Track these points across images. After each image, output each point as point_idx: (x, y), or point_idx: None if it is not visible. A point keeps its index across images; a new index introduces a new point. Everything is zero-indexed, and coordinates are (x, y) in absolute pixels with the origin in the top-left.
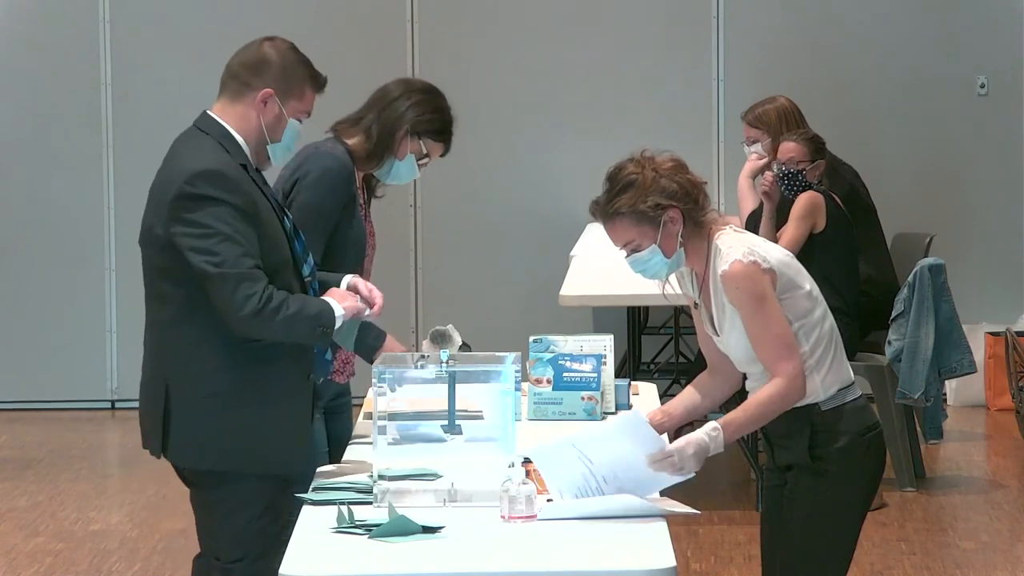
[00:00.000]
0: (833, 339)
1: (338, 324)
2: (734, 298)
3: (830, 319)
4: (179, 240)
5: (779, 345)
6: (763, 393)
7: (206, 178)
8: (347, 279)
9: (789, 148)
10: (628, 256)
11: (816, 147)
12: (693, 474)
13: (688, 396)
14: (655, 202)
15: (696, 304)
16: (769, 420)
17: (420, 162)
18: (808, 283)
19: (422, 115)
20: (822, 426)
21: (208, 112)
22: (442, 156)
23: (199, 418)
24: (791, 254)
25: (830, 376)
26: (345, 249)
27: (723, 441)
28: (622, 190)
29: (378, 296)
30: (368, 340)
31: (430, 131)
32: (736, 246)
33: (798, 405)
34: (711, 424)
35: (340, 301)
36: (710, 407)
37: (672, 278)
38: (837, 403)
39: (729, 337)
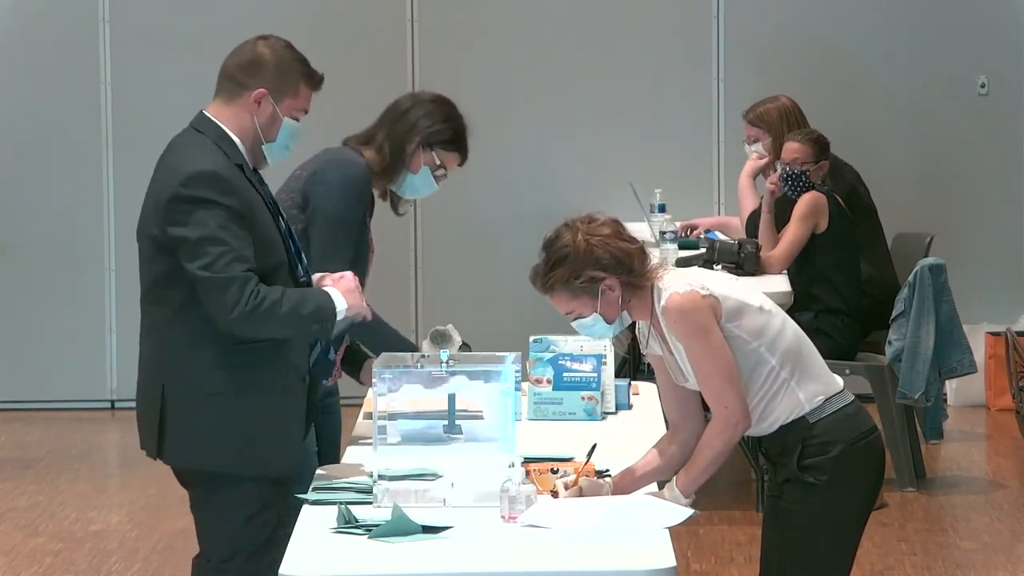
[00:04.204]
0: (803, 350)
1: (340, 318)
2: (676, 332)
3: (792, 330)
4: (174, 243)
5: (720, 379)
6: (707, 432)
7: (200, 180)
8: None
9: (793, 148)
10: (572, 322)
11: (820, 148)
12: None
13: (651, 456)
14: (589, 276)
15: (661, 351)
16: (723, 458)
17: (436, 173)
18: (758, 300)
19: (432, 126)
20: (813, 438)
21: (204, 112)
22: (460, 166)
23: (194, 419)
24: (735, 277)
25: (810, 386)
26: (357, 256)
27: (679, 494)
28: (556, 264)
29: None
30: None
31: (442, 141)
32: (675, 281)
33: (787, 421)
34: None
35: (346, 296)
36: (674, 468)
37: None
38: (825, 413)
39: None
